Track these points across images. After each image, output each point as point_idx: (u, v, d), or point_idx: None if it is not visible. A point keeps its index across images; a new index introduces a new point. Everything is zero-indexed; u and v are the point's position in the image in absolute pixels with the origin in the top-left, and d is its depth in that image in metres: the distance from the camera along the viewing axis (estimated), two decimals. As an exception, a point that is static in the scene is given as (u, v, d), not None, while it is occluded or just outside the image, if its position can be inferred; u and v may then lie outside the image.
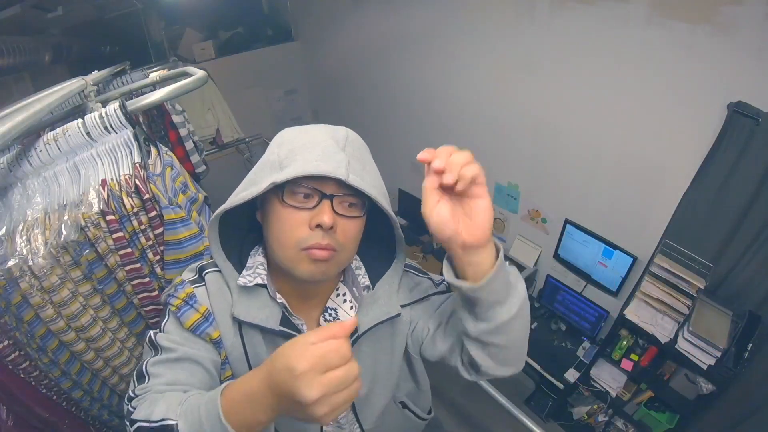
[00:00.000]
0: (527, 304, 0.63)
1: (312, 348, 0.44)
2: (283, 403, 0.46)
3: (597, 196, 2.25)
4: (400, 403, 0.85)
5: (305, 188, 0.59)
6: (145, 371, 0.61)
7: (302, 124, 0.69)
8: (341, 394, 0.44)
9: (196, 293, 0.68)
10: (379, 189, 0.63)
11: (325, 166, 0.57)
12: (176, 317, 0.66)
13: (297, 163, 0.58)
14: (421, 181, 0.57)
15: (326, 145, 0.60)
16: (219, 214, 0.63)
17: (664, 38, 1.70)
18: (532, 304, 2.77)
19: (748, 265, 1.76)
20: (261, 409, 0.48)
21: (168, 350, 0.64)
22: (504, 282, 0.58)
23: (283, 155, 0.60)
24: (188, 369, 0.63)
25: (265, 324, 0.66)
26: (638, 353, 2.10)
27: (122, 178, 0.92)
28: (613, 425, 2.32)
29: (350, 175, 0.58)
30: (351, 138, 0.64)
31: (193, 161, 1.96)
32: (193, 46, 3.54)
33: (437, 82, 2.82)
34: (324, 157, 0.58)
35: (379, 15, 3.00)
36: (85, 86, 1.16)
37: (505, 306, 0.59)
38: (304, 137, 0.62)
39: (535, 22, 2.14)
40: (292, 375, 0.43)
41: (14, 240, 0.89)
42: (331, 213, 0.59)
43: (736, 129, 1.61)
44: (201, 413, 0.50)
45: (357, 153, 0.63)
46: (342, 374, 0.44)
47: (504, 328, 0.60)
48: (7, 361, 0.91)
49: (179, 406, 0.53)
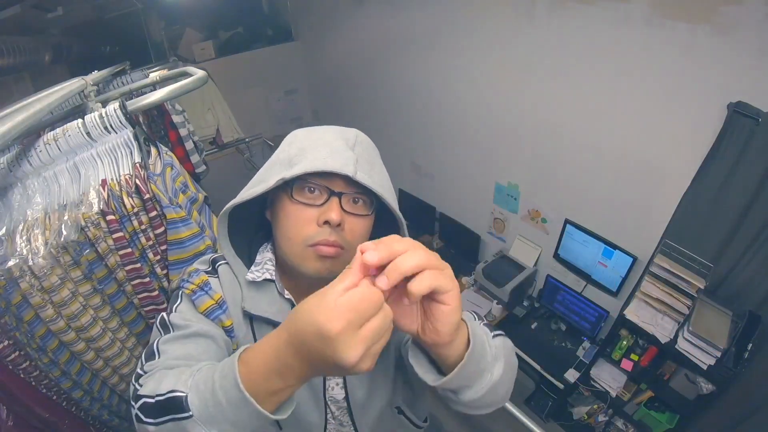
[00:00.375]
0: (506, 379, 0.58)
1: (341, 303, 0.40)
2: (318, 368, 0.43)
3: (597, 196, 2.25)
4: (396, 408, 0.85)
5: (314, 185, 0.60)
6: (156, 349, 0.59)
7: (302, 124, 0.70)
8: (381, 341, 0.41)
9: (210, 281, 0.68)
10: (388, 189, 0.63)
11: (334, 163, 0.57)
12: (190, 300, 0.66)
13: (306, 160, 0.59)
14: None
15: (336, 144, 0.61)
16: (228, 210, 0.64)
17: (664, 38, 1.70)
18: (531, 304, 2.78)
19: (748, 265, 1.76)
20: (288, 377, 0.45)
21: (181, 327, 0.62)
22: (475, 369, 0.53)
23: (294, 153, 0.61)
24: (202, 344, 0.61)
25: (276, 318, 0.67)
26: (638, 353, 2.10)
27: (122, 178, 0.92)
28: (613, 425, 2.32)
29: (358, 172, 0.58)
30: (360, 139, 0.65)
31: (193, 161, 1.96)
32: (193, 46, 3.55)
33: (437, 82, 2.82)
34: (333, 154, 0.59)
35: (380, 15, 3.00)
36: (85, 86, 1.16)
37: (471, 389, 0.54)
38: (314, 136, 0.64)
39: (535, 22, 2.14)
40: (326, 340, 0.39)
41: (14, 240, 0.89)
42: (339, 210, 0.59)
43: (736, 129, 1.61)
44: (215, 382, 0.47)
45: (366, 153, 0.63)
46: (380, 323, 0.40)
47: (471, 404, 0.56)
48: (7, 361, 0.91)
49: (190, 378, 0.50)
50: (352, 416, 0.78)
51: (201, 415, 0.47)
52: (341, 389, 0.75)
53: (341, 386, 0.75)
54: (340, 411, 0.78)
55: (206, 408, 0.47)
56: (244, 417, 0.46)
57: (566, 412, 2.51)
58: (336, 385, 0.75)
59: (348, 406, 0.76)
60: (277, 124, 4.06)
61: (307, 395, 0.73)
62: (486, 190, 2.81)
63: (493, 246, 2.96)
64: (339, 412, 0.78)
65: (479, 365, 0.53)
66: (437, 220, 3.29)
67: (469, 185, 2.94)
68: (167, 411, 0.49)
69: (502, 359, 0.57)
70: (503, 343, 0.61)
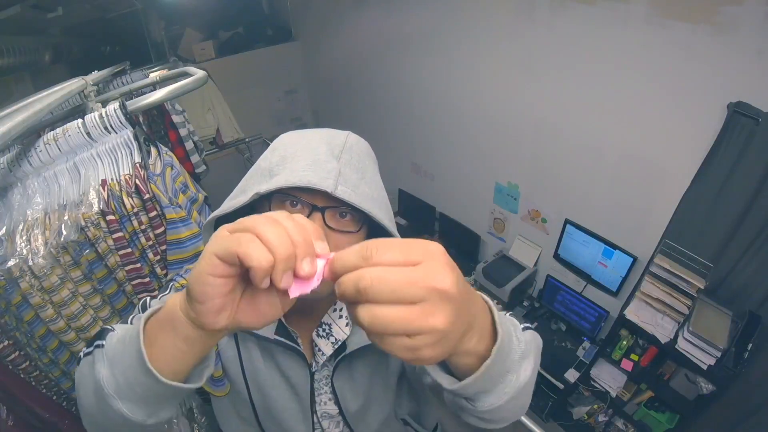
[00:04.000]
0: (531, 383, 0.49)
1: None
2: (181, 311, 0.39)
3: (597, 196, 2.25)
4: (402, 420, 0.83)
5: (295, 198, 0.55)
6: (129, 321, 0.59)
7: (302, 124, 0.68)
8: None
9: None
10: (378, 201, 0.57)
11: (312, 177, 0.52)
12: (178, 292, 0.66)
13: (285, 171, 0.54)
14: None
15: (319, 152, 0.56)
16: (212, 221, 0.60)
17: (664, 38, 1.70)
18: (531, 304, 2.78)
19: (748, 265, 1.76)
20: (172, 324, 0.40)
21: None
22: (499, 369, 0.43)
23: (274, 162, 0.57)
24: None
25: (260, 332, 0.64)
26: (638, 353, 2.10)
27: (122, 178, 0.92)
28: (613, 425, 2.32)
29: (339, 186, 0.52)
30: (350, 144, 0.60)
31: (193, 161, 1.96)
32: (193, 46, 3.55)
33: (437, 82, 2.82)
34: (314, 166, 0.54)
35: (380, 15, 3.00)
36: (85, 86, 1.16)
37: (492, 395, 0.45)
38: (298, 143, 0.59)
39: (535, 22, 2.14)
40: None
41: (14, 240, 0.89)
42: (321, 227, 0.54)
43: (736, 129, 1.61)
44: (127, 330, 0.45)
45: (355, 161, 0.58)
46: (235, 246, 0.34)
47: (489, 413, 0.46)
48: (7, 361, 0.91)
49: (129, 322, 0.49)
50: (351, 430, 0.76)
51: (109, 348, 0.45)
52: (334, 404, 0.73)
53: (333, 401, 0.72)
54: (339, 425, 0.76)
55: (116, 342, 0.45)
56: (134, 365, 0.41)
57: (566, 412, 2.51)
58: (329, 400, 0.73)
59: (344, 419, 0.74)
60: (277, 124, 4.06)
61: (294, 409, 0.72)
62: (486, 190, 2.81)
63: (493, 246, 2.96)
64: (337, 427, 0.76)
65: (504, 364, 0.44)
66: (437, 220, 3.30)
67: (469, 185, 2.94)
68: (93, 342, 0.48)
69: (532, 358, 0.48)
70: (533, 337, 0.52)
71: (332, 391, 0.72)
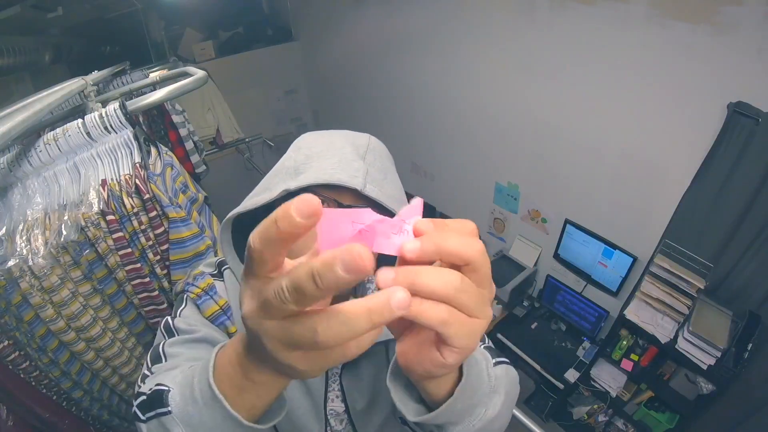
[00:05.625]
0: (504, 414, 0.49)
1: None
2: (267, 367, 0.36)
3: (597, 196, 2.25)
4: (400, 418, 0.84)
5: (321, 196, 0.54)
6: (162, 352, 0.57)
7: (302, 124, 0.68)
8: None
9: (216, 285, 0.67)
10: (400, 201, 0.59)
11: (341, 175, 0.53)
12: (195, 304, 0.65)
13: (312, 170, 0.55)
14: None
15: (345, 152, 0.57)
16: (231, 218, 0.60)
17: (664, 38, 1.70)
18: (531, 304, 2.78)
19: (748, 265, 1.76)
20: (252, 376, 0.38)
21: (186, 332, 0.60)
22: (467, 405, 0.44)
23: (300, 161, 0.58)
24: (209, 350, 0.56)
25: None
26: (638, 353, 2.10)
27: (122, 178, 0.92)
28: (613, 425, 2.32)
29: (368, 185, 0.54)
30: (373, 145, 0.62)
31: (193, 161, 1.96)
32: (193, 46, 3.54)
33: (437, 82, 2.82)
34: (341, 164, 0.55)
35: (379, 15, 3.00)
36: (85, 86, 1.16)
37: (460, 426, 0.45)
38: (322, 142, 0.60)
39: (535, 22, 2.14)
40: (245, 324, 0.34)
41: (14, 240, 0.89)
42: None
43: (736, 129, 1.61)
44: (194, 377, 0.42)
45: (378, 162, 0.59)
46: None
47: None
48: (7, 361, 0.91)
49: (180, 373, 0.46)
50: (354, 428, 0.76)
51: (179, 412, 0.43)
52: (341, 402, 0.73)
53: (340, 398, 0.73)
54: (342, 423, 0.76)
55: (185, 405, 0.42)
56: (217, 420, 0.39)
57: (566, 412, 2.51)
58: (336, 398, 0.73)
59: (349, 417, 0.74)
60: (277, 124, 4.06)
61: (307, 406, 0.72)
62: (486, 190, 2.81)
63: (493, 246, 2.96)
64: (341, 425, 0.77)
65: (472, 399, 0.44)
66: (437, 220, 3.29)
67: (469, 185, 2.94)
68: (153, 406, 0.46)
69: (502, 392, 0.48)
70: (506, 372, 0.53)
71: (340, 388, 0.72)
